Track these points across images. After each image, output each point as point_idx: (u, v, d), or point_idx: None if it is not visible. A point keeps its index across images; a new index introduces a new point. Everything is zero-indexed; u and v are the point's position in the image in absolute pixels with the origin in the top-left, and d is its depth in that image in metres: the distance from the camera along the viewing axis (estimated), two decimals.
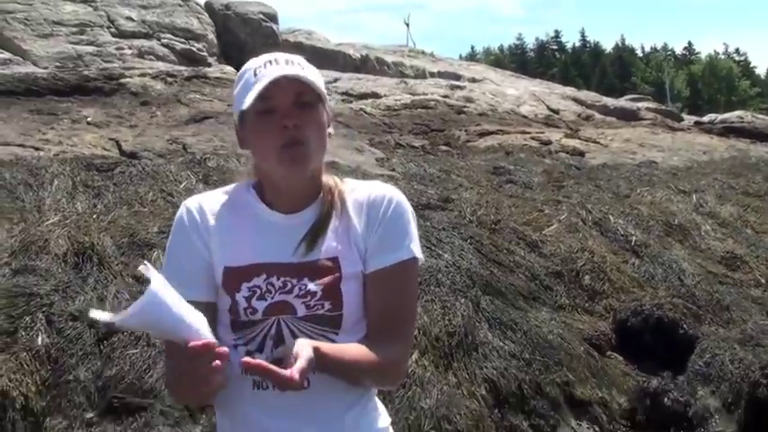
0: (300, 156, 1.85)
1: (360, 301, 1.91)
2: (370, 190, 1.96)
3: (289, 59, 1.88)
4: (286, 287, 1.86)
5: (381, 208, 1.92)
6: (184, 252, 1.93)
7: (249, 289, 1.87)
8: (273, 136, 1.83)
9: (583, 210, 7.28)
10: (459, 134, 11.56)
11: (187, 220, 1.93)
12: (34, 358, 4.21)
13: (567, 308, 5.82)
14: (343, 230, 1.92)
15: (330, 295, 1.87)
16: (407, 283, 1.95)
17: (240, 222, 1.93)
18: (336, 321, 1.87)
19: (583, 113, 15.31)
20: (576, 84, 35.65)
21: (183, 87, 10.77)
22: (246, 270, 1.88)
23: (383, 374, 1.92)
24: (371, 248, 1.91)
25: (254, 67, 1.87)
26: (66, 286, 4.69)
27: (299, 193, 1.93)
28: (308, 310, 1.86)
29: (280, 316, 1.86)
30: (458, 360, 4.81)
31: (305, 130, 1.84)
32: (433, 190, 7.42)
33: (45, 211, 5.60)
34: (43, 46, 12.52)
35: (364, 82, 14.17)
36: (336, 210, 1.94)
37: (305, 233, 1.91)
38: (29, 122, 8.29)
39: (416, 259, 1.93)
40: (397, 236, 1.92)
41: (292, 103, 1.83)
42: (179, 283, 1.76)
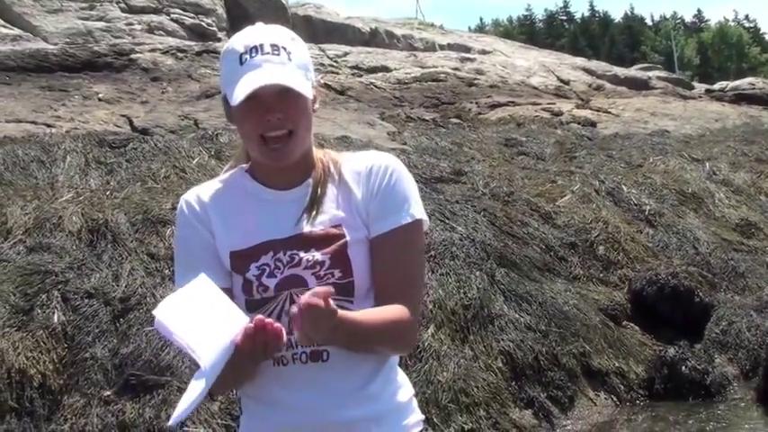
0: (283, 151, 1.86)
1: (369, 267, 1.91)
2: (367, 159, 1.97)
3: (274, 44, 1.86)
4: (294, 260, 1.86)
5: (380, 174, 1.93)
6: (194, 243, 1.95)
7: (258, 268, 1.87)
8: (257, 125, 1.84)
9: (596, 180, 7.25)
10: (470, 106, 11.49)
11: (188, 212, 1.94)
12: (51, 336, 4.23)
13: (581, 279, 5.80)
14: (343, 198, 1.92)
15: (339, 263, 1.87)
16: (411, 245, 1.93)
17: (239, 206, 1.94)
18: (349, 288, 1.87)
19: (593, 83, 15.20)
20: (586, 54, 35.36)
21: (193, 62, 10.72)
22: (252, 251, 1.89)
23: (397, 338, 1.91)
24: (372, 214, 1.91)
25: (240, 52, 1.85)
26: (81, 263, 4.70)
27: (292, 171, 1.93)
28: (319, 280, 1.86)
29: (291, 290, 1.87)
30: (474, 333, 4.81)
31: (289, 121, 1.84)
32: (446, 163, 7.38)
33: (58, 188, 5.60)
34: (53, 22, 12.50)
35: (374, 55, 14.08)
36: (333, 179, 1.95)
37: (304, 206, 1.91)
38: (40, 99, 8.27)
39: (418, 221, 1.93)
40: (397, 200, 1.92)
41: (276, 95, 1.82)
42: (194, 269, 1.83)
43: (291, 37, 1.91)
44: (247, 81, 1.80)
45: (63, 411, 4.01)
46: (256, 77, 1.80)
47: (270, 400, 1.88)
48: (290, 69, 1.84)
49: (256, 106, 1.82)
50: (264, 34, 1.88)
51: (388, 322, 1.85)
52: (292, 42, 1.89)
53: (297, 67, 1.86)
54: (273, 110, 1.82)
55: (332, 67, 12.40)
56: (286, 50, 1.86)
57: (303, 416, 1.84)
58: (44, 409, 3.99)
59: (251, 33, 1.89)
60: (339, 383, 1.85)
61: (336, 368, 1.84)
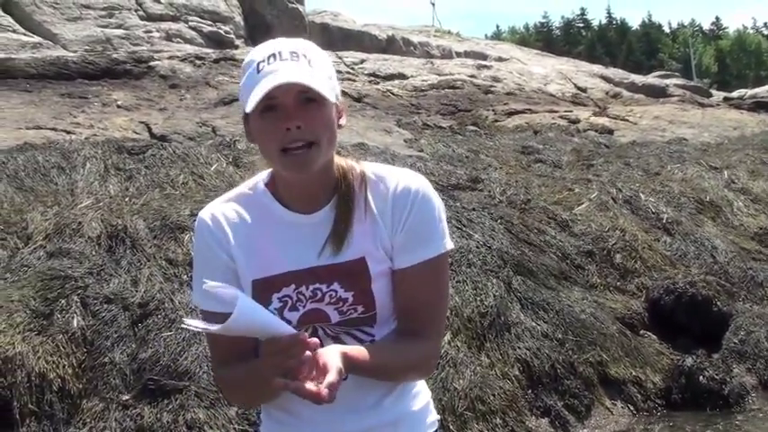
0: (305, 161, 1.74)
1: (389, 297, 1.85)
2: (395, 181, 1.84)
3: (294, 51, 1.75)
4: (316, 296, 1.81)
5: (408, 203, 1.82)
6: (210, 265, 1.87)
7: (280, 300, 1.82)
8: (276, 137, 1.72)
9: (613, 188, 7.23)
10: (487, 114, 11.50)
11: (207, 234, 1.86)
12: (70, 341, 4.26)
13: (598, 287, 5.79)
14: (367, 227, 1.83)
15: (362, 299, 1.81)
16: (437, 278, 1.86)
17: (260, 230, 1.86)
18: (371, 320, 1.82)
19: (611, 91, 15.18)
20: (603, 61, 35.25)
21: (211, 70, 10.79)
22: (275, 280, 1.83)
23: (414, 370, 1.89)
24: (398, 246, 1.83)
25: (258, 61, 1.75)
26: (101, 269, 4.73)
27: (314, 188, 1.83)
28: (342, 315, 1.80)
29: (314, 324, 1.84)
30: (490, 341, 4.81)
31: (310, 131, 1.73)
32: (462, 170, 7.39)
33: (78, 194, 5.64)
34: (72, 29, 12.59)
35: (391, 63, 14.12)
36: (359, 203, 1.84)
37: (328, 233, 1.82)
38: (60, 106, 8.35)
39: (445, 252, 1.84)
40: (425, 232, 1.83)
41: (296, 100, 1.72)
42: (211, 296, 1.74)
43: (314, 48, 1.80)
44: (262, 86, 1.70)
45: (82, 415, 4.04)
46: (272, 79, 1.70)
47: (288, 413, 1.87)
48: (311, 71, 1.73)
49: (274, 115, 1.72)
50: (284, 43, 1.79)
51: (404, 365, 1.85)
52: (314, 52, 1.78)
53: (318, 73, 1.75)
54: (292, 117, 1.71)
55: (349, 75, 12.44)
56: (306, 57, 1.76)
57: (321, 429, 1.85)
58: (63, 413, 4.02)
59: (270, 43, 1.80)
60: (357, 397, 1.84)
61: (355, 383, 1.81)
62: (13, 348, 4.08)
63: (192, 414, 4.03)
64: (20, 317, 4.27)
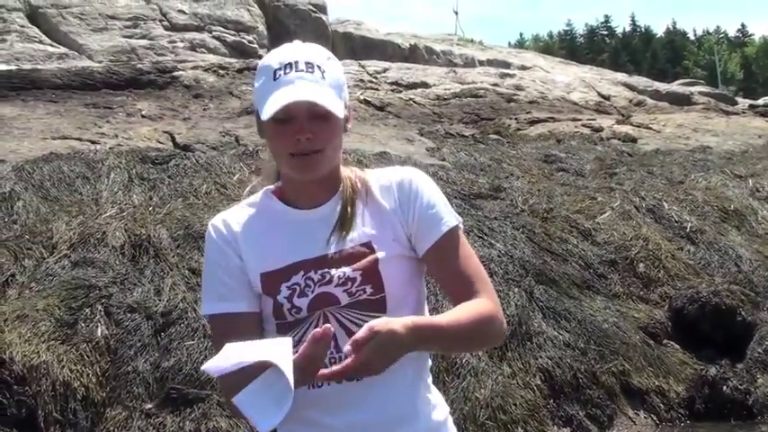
0: (311, 164, 1.86)
1: (401, 282, 1.90)
2: (392, 174, 1.97)
3: (309, 61, 1.86)
4: (325, 278, 1.86)
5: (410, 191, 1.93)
6: (221, 267, 1.94)
7: (288, 288, 1.87)
8: (286, 144, 1.84)
9: (636, 197, 7.20)
10: (510, 122, 11.48)
11: (216, 237, 1.93)
12: (94, 350, 4.31)
13: (621, 296, 5.76)
14: (372, 215, 1.93)
15: (370, 279, 1.87)
16: (461, 246, 1.93)
17: (267, 227, 1.95)
18: (380, 304, 1.87)
19: (634, 99, 15.09)
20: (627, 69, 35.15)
21: (234, 80, 10.86)
22: (283, 271, 1.89)
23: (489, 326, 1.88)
24: (416, 233, 1.92)
25: (275, 68, 1.86)
26: (124, 278, 4.78)
27: (319, 188, 1.94)
28: (351, 297, 1.86)
29: (324, 309, 1.88)
30: (512, 350, 4.80)
31: (318, 141, 1.84)
32: (484, 179, 7.38)
33: (102, 204, 5.70)
34: (98, 40, 12.73)
35: (413, 71, 14.13)
36: (361, 196, 1.95)
37: (333, 224, 1.92)
38: (85, 116, 8.43)
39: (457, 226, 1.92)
40: (436, 210, 1.92)
41: (307, 114, 1.82)
42: (222, 299, 1.87)
43: (327, 56, 1.91)
44: (278, 97, 1.80)
45: (105, 424, 4.08)
46: (288, 93, 1.80)
47: (305, 421, 1.87)
48: (323, 88, 1.84)
49: (287, 125, 1.83)
50: (300, 52, 1.89)
51: (478, 316, 1.84)
52: (328, 61, 1.90)
53: (330, 86, 1.85)
54: (304, 130, 1.82)
55: (372, 83, 12.47)
56: (320, 69, 1.86)
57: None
58: (87, 422, 4.06)
59: (287, 50, 1.89)
60: (375, 402, 1.86)
61: (371, 387, 1.83)
62: (38, 357, 4.13)
63: (215, 423, 4.06)
64: (44, 326, 4.32)
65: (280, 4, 16.32)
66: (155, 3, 14.53)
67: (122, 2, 14.12)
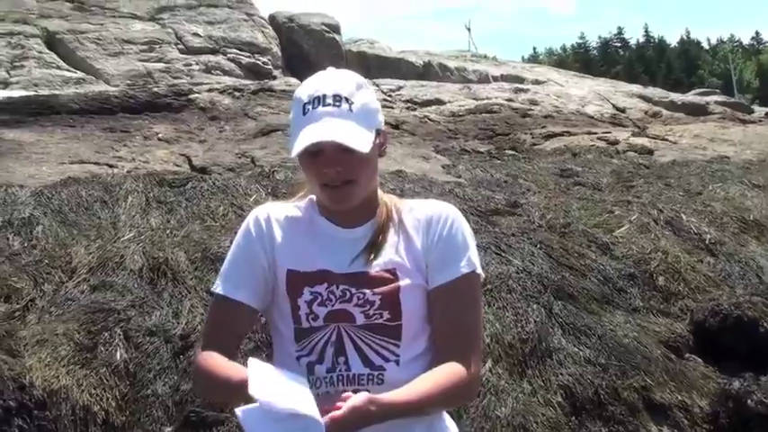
0: (343, 195, 1.92)
1: (419, 313, 1.92)
2: (428, 208, 2.01)
3: (337, 94, 1.89)
4: (345, 296, 1.91)
5: (439, 225, 1.96)
6: (244, 257, 2.01)
7: (311, 293, 1.92)
8: (318, 175, 1.91)
9: (654, 209, 7.15)
10: (525, 137, 11.47)
11: (253, 229, 2.01)
12: (113, 373, 4.31)
13: (641, 310, 5.71)
14: (401, 244, 1.97)
15: (388, 305, 1.90)
16: (470, 296, 1.96)
17: (304, 232, 2.00)
18: (396, 332, 1.90)
19: (650, 111, 15.05)
20: (642, 80, 35.06)
21: (249, 101, 10.91)
22: (310, 276, 1.94)
23: (457, 396, 1.93)
24: (432, 265, 1.94)
25: (304, 102, 1.91)
26: (143, 302, 4.79)
27: (355, 212, 1.99)
28: (367, 319, 1.89)
29: (339, 324, 1.89)
30: (532, 367, 4.77)
31: (348, 173, 1.89)
32: (501, 195, 7.37)
33: (120, 228, 5.72)
34: (114, 64, 12.86)
35: (428, 89, 14.16)
36: (394, 225, 1.99)
37: (364, 246, 1.96)
38: (102, 140, 8.49)
39: (476, 274, 1.94)
40: (456, 251, 1.95)
41: (335, 149, 1.87)
42: (232, 284, 1.95)
43: (358, 84, 1.94)
44: (305, 135, 1.86)
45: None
46: (314, 133, 1.85)
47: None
48: (350, 123, 1.87)
49: (317, 157, 1.89)
50: (329, 83, 1.92)
51: (449, 387, 1.87)
52: (357, 91, 1.93)
53: (358, 119, 1.89)
54: (332, 164, 1.88)
55: (386, 102, 12.50)
56: (348, 101, 1.89)
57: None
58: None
59: (316, 82, 1.94)
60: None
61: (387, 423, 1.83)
62: (58, 381, 4.14)
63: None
64: (64, 350, 4.33)
65: (293, 25, 16.43)
66: (170, 27, 14.67)
67: (138, 26, 14.26)
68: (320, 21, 16.73)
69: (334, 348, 1.89)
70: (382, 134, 1.97)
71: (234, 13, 16.14)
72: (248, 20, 16.01)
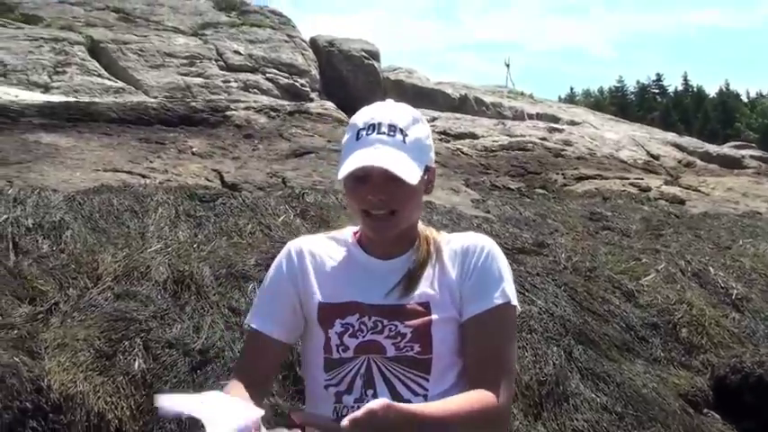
0: (384, 225, 1.93)
1: (451, 347, 1.91)
2: (464, 239, 2.02)
3: (393, 124, 1.91)
4: (377, 327, 1.91)
5: (475, 256, 1.97)
6: (274, 291, 2.03)
7: (342, 325, 1.93)
8: (362, 201, 1.91)
9: (682, 260, 7.10)
10: (557, 177, 11.45)
11: (285, 263, 2.02)
12: (130, 383, 4.32)
13: (662, 361, 5.65)
14: (436, 277, 1.97)
15: (420, 338, 1.90)
16: (504, 327, 1.95)
17: (338, 264, 2.02)
18: (426, 365, 1.88)
19: (684, 160, 14.98)
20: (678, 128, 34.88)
21: (285, 122, 10.98)
22: (341, 307, 1.95)
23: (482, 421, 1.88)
24: (466, 296, 1.94)
25: (359, 128, 1.92)
26: (165, 313, 4.81)
27: (393, 243, 2.00)
28: (398, 351, 1.89)
29: (370, 355, 1.89)
30: (548, 410, 4.73)
31: (392, 203, 1.90)
32: (528, 234, 7.35)
33: (148, 239, 5.76)
34: (155, 76, 13.02)
35: (462, 122, 14.20)
36: (431, 259, 2.00)
37: (400, 278, 1.96)
38: (137, 150, 8.57)
39: (511, 305, 1.93)
40: (491, 282, 1.95)
41: (383, 177, 1.87)
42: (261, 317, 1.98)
43: (414, 118, 1.96)
44: (355, 158, 1.87)
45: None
46: (364, 157, 1.86)
47: None
48: (401, 154, 1.88)
49: (363, 183, 1.90)
50: (386, 113, 1.94)
51: (473, 411, 1.84)
52: (413, 124, 1.94)
53: (410, 151, 1.90)
54: (377, 191, 1.88)
55: None
56: (403, 132, 1.91)
57: None
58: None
59: (374, 110, 1.96)
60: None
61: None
62: (75, 387, 4.15)
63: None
64: (83, 356, 4.35)
65: (333, 49, 16.55)
66: (212, 43, 14.83)
67: (181, 40, 14.44)
68: (360, 47, 16.85)
69: (363, 380, 1.88)
70: (431, 171, 1.98)
71: (276, 34, 16.30)
72: (289, 41, 16.16)
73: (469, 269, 1.95)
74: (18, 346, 4.34)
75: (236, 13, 17.14)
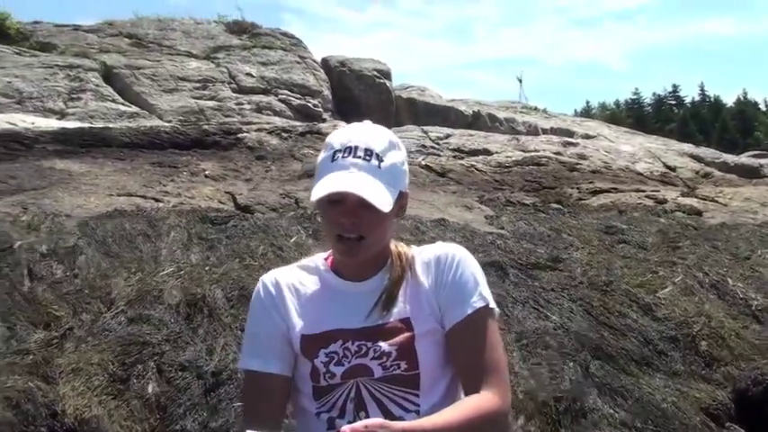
0: (355, 249, 1.93)
1: (436, 360, 1.92)
2: (434, 250, 2.02)
3: (369, 148, 1.91)
4: (361, 350, 1.92)
5: (446, 265, 1.97)
6: (263, 326, 2.03)
7: (327, 355, 1.94)
8: (334, 225, 1.92)
9: (699, 272, 7.03)
10: (572, 192, 11.38)
11: (264, 295, 2.02)
12: (144, 406, 4.32)
13: (682, 375, 5.58)
14: (412, 292, 1.98)
15: (405, 355, 1.90)
16: (486, 330, 1.95)
17: (314, 292, 2.03)
18: (414, 381, 1.89)
19: (701, 171, 14.86)
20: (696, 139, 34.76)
21: (297, 143, 11.00)
22: (322, 337, 1.96)
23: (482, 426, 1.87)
24: (444, 306, 1.96)
25: (335, 149, 1.92)
26: (178, 336, 4.81)
27: (365, 265, 2.01)
28: (385, 371, 1.89)
29: (358, 379, 1.88)
30: (565, 427, 4.68)
31: (363, 227, 1.90)
32: (543, 249, 7.30)
33: (161, 262, 5.77)
34: (168, 100, 13.09)
35: (476, 138, 14.16)
36: (405, 275, 2.00)
37: (376, 299, 1.96)
38: (150, 174, 8.61)
39: (489, 308, 1.94)
40: (467, 288, 1.96)
41: (356, 202, 1.88)
42: (256, 356, 1.90)
43: (391, 143, 1.96)
44: (330, 180, 1.88)
45: None
46: (338, 181, 1.87)
47: None
48: (375, 181, 1.88)
49: (336, 206, 1.90)
50: (363, 136, 1.94)
51: (472, 417, 1.83)
52: (390, 150, 1.94)
53: (384, 177, 1.90)
54: (349, 214, 1.89)
55: (433, 150, 12.52)
56: (379, 158, 1.91)
57: None
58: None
59: (351, 132, 1.96)
60: None
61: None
62: (90, 411, 4.16)
63: None
64: (98, 380, 4.36)
65: (345, 69, 16.61)
66: (224, 66, 14.92)
67: (193, 64, 14.53)
68: (372, 66, 16.90)
69: (354, 404, 1.88)
70: (404, 196, 1.97)
71: (287, 56, 16.38)
72: (301, 62, 16.23)
73: (444, 279, 1.96)
74: (33, 372, 4.36)
75: (247, 36, 17.24)
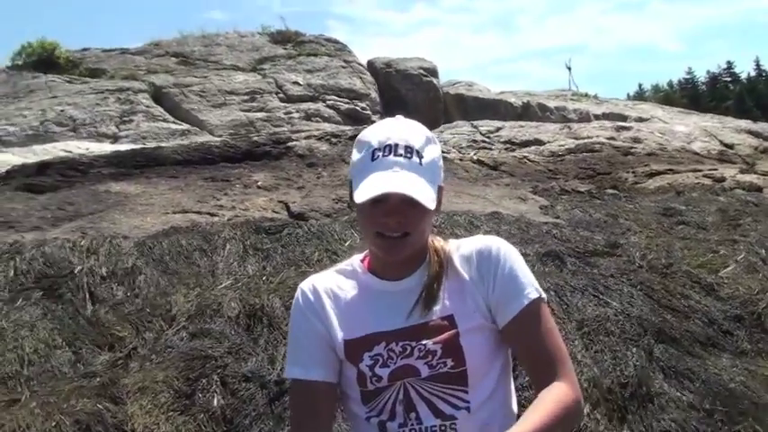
0: (397, 247, 1.89)
1: (483, 355, 1.90)
2: (474, 243, 1.98)
3: (409, 146, 1.88)
4: (406, 351, 1.89)
5: (491, 260, 1.93)
6: (304, 334, 1.99)
7: (371, 358, 1.90)
8: (375, 224, 1.89)
9: (762, 248, 6.88)
10: (627, 176, 11.23)
11: (303, 303, 2.00)
12: (211, 419, 4.38)
13: (749, 353, 5.47)
14: (453, 288, 1.94)
15: (451, 352, 1.87)
16: (542, 321, 1.92)
17: (353, 296, 1.99)
18: (462, 377, 1.87)
19: (760, 146, 14.54)
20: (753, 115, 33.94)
21: (346, 147, 11.04)
22: (365, 340, 1.92)
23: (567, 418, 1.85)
24: (496, 302, 1.91)
25: (374, 147, 1.88)
26: (239, 348, 4.87)
27: (405, 262, 1.97)
28: (432, 369, 1.86)
29: (405, 380, 1.87)
30: (632, 413, 4.61)
31: (407, 225, 1.87)
32: (600, 236, 7.22)
33: (218, 276, 5.84)
34: (218, 115, 13.27)
35: (527, 129, 14.06)
36: (445, 270, 1.97)
37: (417, 297, 1.93)
38: (204, 190, 8.72)
39: (541, 299, 1.91)
40: (518, 281, 1.92)
41: (400, 201, 1.85)
42: (300, 365, 1.89)
43: (427, 137, 1.93)
44: (374, 182, 1.84)
45: None
46: (384, 182, 1.83)
47: None
48: (419, 177, 1.86)
49: (379, 205, 1.87)
50: (400, 132, 1.91)
51: (558, 411, 1.81)
52: (427, 144, 1.92)
53: (426, 173, 1.88)
54: (394, 214, 1.86)
55: (485, 143, 12.47)
56: (419, 154, 1.88)
57: None
58: None
59: (388, 129, 1.92)
60: None
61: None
62: (159, 428, 4.23)
63: None
64: (164, 397, 4.43)
65: (391, 70, 16.64)
66: (271, 77, 15.06)
67: (240, 77, 14.70)
68: (417, 65, 16.89)
69: (403, 406, 1.87)
70: (441, 191, 1.95)
71: (333, 61, 16.48)
72: (347, 66, 16.32)
73: (492, 274, 1.92)
74: (101, 394, 4.44)
75: (291, 45, 17.39)
